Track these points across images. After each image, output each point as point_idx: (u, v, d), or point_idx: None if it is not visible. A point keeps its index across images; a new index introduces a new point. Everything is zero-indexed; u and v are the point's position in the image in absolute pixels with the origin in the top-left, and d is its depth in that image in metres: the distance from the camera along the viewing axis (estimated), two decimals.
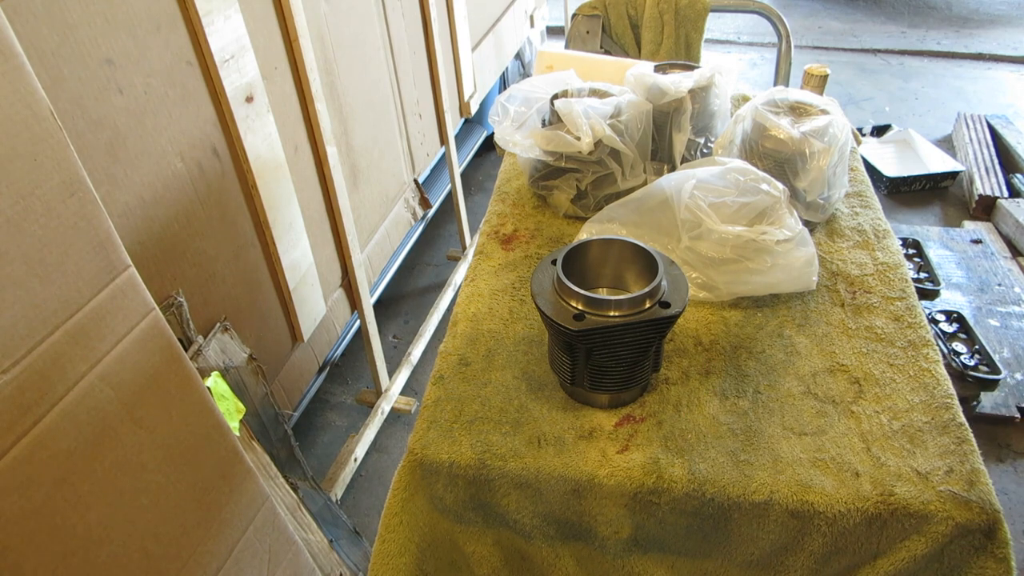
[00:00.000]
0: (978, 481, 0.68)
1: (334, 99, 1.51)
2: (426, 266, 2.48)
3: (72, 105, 0.90)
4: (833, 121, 0.98)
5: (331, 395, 2.01)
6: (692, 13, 1.80)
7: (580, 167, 1.03)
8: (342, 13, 1.51)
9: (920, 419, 0.74)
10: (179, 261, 1.11)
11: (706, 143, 1.13)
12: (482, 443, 0.74)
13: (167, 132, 1.06)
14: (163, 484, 0.84)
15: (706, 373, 0.81)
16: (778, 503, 0.68)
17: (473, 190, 2.83)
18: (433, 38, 1.94)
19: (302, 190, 1.41)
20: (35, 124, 0.66)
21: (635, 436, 0.74)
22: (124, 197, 0.99)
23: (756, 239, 0.86)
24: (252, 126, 1.22)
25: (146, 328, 0.80)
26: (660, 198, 0.92)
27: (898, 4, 4.73)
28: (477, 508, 0.76)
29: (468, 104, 2.28)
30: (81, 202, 0.71)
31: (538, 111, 1.09)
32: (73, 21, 0.88)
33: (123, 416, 0.78)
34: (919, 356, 0.81)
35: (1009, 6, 4.63)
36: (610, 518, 0.73)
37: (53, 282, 0.69)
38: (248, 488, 0.98)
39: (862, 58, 4.06)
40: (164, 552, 0.84)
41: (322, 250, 1.53)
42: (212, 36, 1.09)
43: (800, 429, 0.74)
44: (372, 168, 1.74)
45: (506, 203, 1.12)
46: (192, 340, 1.11)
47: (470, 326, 0.88)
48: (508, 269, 0.97)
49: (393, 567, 0.76)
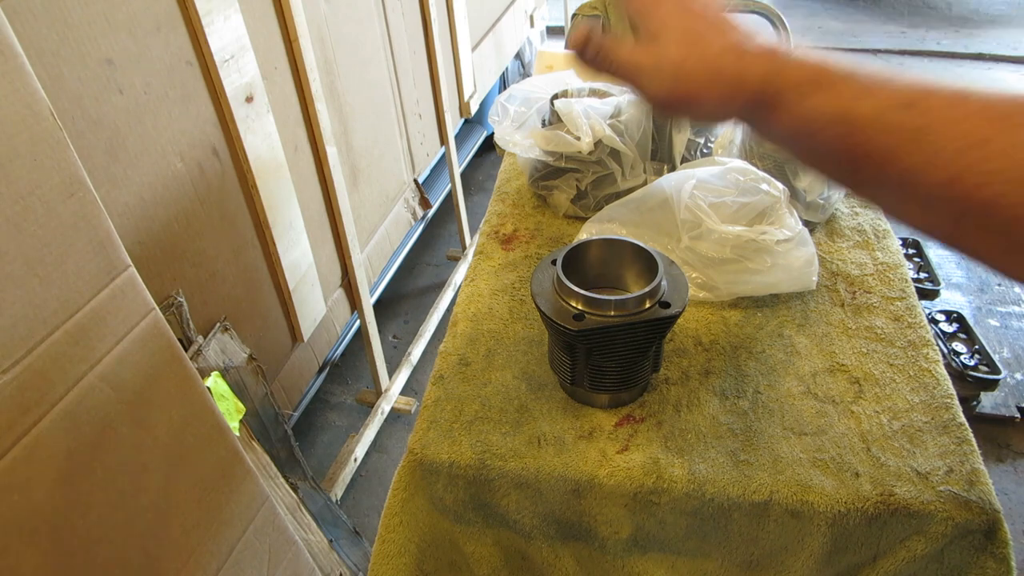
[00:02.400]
0: (978, 481, 0.68)
1: (334, 99, 1.51)
2: (426, 266, 2.48)
3: (72, 105, 0.90)
4: None
5: (331, 395, 2.01)
6: None
7: (580, 167, 1.03)
8: (342, 13, 1.51)
9: (920, 419, 0.74)
10: (179, 261, 1.11)
11: (706, 143, 1.13)
12: (482, 443, 0.74)
13: (167, 132, 1.06)
14: (163, 484, 0.84)
15: (706, 373, 0.81)
16: (778, 503, 0.68)
17: (473, 190, 2.83)
18: (433, 38, 1.94)
19: (302, 190, 1.41)
20: (35, 124, 0.66)
21: (635, 436, 0.74)
22: (124, 197, 0.99)
23: (756, 239, 0.86)
24: (252, 126, 1.22)
25: (146, 328, 0.80)
26: (660, 198, 0.92)
27: (898, 4, 4.73)
28: (477, 508, 0.76)
29: (468, 104, 2.28)
30: (81, 202, 0.71)
31: (538, 111, 1.09)
32: (73, 21, 0.88)
33: (123, 416, 0.78)
34: (919, 356, 0.81)
35: (1009, 6, 4.63)
36: (610, 518, 0.73)
37: (53, 282, 0.69)
38: (248, 488, 0.98)
39: (862, 58, 4.06)
40: (164, 552, 0.84)
41: (322, 250, 1.53)
42: (212, 36, 1.09)
43: (800, 429, 0.74)
44: (372, 168, 1.74)
45: (506, 203, 1.12)
46: (192, 340, 1.11)
47: (470, 326, 0.88)
48: (508, 269, 0.97)
49: (393, 567, 0.76)
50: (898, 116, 0.42)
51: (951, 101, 0.41)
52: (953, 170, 0.39)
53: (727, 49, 0.47)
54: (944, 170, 0.40)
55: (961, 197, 0.40)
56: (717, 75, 0.47)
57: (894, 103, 0.42)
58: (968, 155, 0.39)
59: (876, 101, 0.43)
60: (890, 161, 0.42)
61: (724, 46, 0.47)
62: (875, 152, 0.43)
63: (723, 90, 0.47)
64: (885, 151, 0.42)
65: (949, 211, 0.41)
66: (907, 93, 0.42)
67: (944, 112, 0.41)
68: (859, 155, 0.44)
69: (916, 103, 0.41)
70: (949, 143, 0.40)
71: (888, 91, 0.43)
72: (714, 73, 0.47)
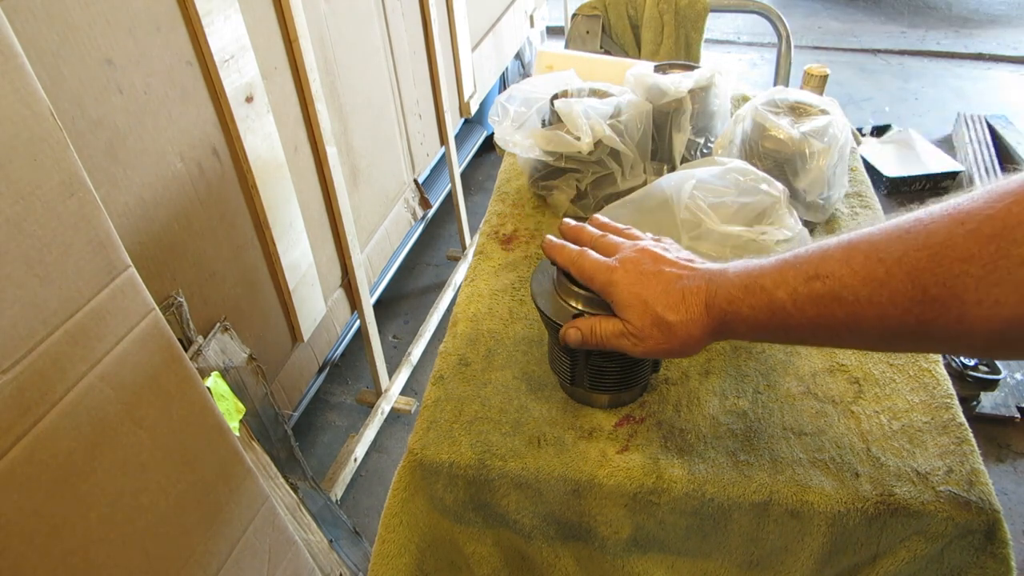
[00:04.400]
0: (978, 481, 0.68)
1: (334, 99, 1.51)
2: (426, 266, 2.48)
3: (72, 105, 0.90)
4: (833, 121, 0.98)
5: (331, 395, 2.01)
6: (692, 13, 1.80)
7: (580, 167, 1.03)
8: (342, 13, 1.51)
9: (920, 419, 0.74)
10: (179, 261, 1.11)
11: (706, 143, 1.13)
12: (482, 443, 0.74)
13: (167, 132, 1.06)
14: (163, 484, 0.84)
15: (706, 373, 0.81)
16: (778, 503, 0.68)
17: (473, 190, 2.83)
18: (433, 38, 1.94)
19: (302, 190, 1.41)
20: (35, 124, 0.66)
21: (635, 436, 0.74)
22: (124, 197, 0.99)
23: (756, 239, 0.86)
24: (252, 126, 1.22)
25: (146, 328, 0.80)
26: (660, 198, 0.92)
27: (898, 4, 4.73)
28: (477, 508, 0.76)
29: (468, 104, 2.28)
30: (81, 202, 0.71)
31: (538, 111, 1.09)
32: (73, 21, 0.88)
33: (123, 416, 0.78)
34: (919, 356, 0.81)
35: (1009, 6, 4.63)
36: (610, 518, 0.73)
37: (53, 282, 0.69)
38: (248, 488, 0.98)
39: (862, 58, 4.06)
40: (164, 552, 0.84)
41: (322, 250, 1.53)
42: (212, 36, 1.09)
43: (800, 429, 0.74)
44: (372, 168, 1.74)
45: (506, 203, 1.12)
46: (192, 340, 1.11)
47: (470, 326, 0.88)
48: (508, 269, 0.97)
49: (393, 567, 0.76)
50: (806, 288, 0.50)
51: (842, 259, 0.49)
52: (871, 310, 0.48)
53: (672, 306, 0.57)
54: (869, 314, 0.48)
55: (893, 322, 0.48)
56: (673, 333, 0.57)
57: (801, 278, 0.51)
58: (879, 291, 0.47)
59: (787, 285, 0.51)
60: (822, 327, 0.51)
61: (668, 304, 0.57)
62: (806, 324, 0.51)
63: (685, 339, 0.57)
64: (813, 322, 0.51)
65: (903, 334, 0.48)
66: (808, 267, 0.51)
67: (841, 270, 0.49)
68: (804, 331, 0.52)
69: (819, 274, 0.50)
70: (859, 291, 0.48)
71: (794, 271, 0.51)
72: (670, 332, 0.57)
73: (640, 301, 0.59)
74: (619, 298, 0.60)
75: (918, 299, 0.45)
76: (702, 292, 0.57)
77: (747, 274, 0.55)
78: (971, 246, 0.42)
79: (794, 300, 0.51)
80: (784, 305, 0.51)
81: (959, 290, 0.43)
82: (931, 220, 0.45)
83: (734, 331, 0.56)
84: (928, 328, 0.46)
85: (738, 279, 0.55)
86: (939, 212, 0.45)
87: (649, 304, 0.58)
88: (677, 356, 0.61)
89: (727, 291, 0.55)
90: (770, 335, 0.55)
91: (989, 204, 0.43)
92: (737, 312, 0.54)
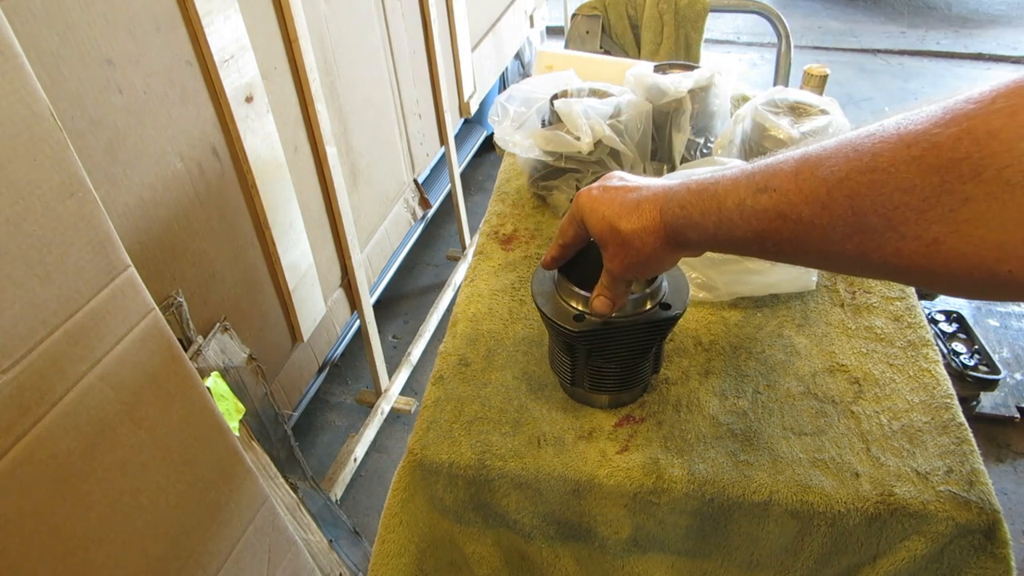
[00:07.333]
0: (978, 481, 0.68)
1: (334, 99, 1.51)
2: (426, 266, 2.48)
3: (72, 105, 0.90)
4: (833, 121, 0.98)
5: (331, 395, 2.01)
6: (692, 13, 1.80)
7: (580, 167, 1.03)
8: (342, 13, 1.51)
9: (920, 419, 0.74)
10: (179, 261, 1.11)
11: (706, 143, 1.13)
12: (482, 443, 0.74)
13: (167, 132, 1.06)
14: (163, 484, 0.84)
15: (706, 373, 0.81)
16: (778, 503, 0.68)
17: (473, 190, 2.83)
18: (433, 38, 1.94)
19: (302, 190, 1.41)
20: (35, 124, 0.66)
21: (635, 436, 0.74)
22: (124, 197, 0.99)
23: None
24: (252, 126, 1.22)
25: (146, 328, 0.80)
26: None
27: (898, 4, 4.73)
28: (477, 508, 0.76)
29: (468, 104, 2.28)
30: (81, 202, 0.71)
31: (538, 111, 1.09)
32: (73, 21, 0.88)
33: (123, 416, 0.78)
34: (919, 356, 0.81)
35: (1009, 6, 4.63)
36: (610, 518, 0.73)
37: (53, 282, 0.69)
38: (248, 488, 0.98)
39: (862, 58, 4.06)
40: (164, 552, 0.84)
41: (322, 250, 1.53)
42: (212, 36, 1.09)
43: (800, 429, 0.74)
44: (372, 168, 1.74)
45: (506, 203, 1.12)
46: (192, 340, 1.11)
47: (470, 326, 0.88)
48: (508, 269, 0.97)
49: (393, 567, 0.76)
50: (753, 200, 0.49)
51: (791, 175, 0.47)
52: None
53: (625, 215, 0.59)
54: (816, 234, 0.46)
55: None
56: (628, 243, 0.59)
57: (751, 190, 0.49)
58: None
59: (737, 194, 0.50)
60: (770, 241, 0.49)
61: (622, 213, 0.59)
62: (752, 237, 0.50)
63: (640, 248, 0.58)
64: (760, 235, 0.50)
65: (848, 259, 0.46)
66: (760, 178, 0.49)
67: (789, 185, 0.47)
68: (751, 244, 0.51)
69: (768, 187, 0.48)
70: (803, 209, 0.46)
71: (747, 181, 0.50)
72: (625, 243, 0.59)
73: (601, 218, 0.60)
74: (591, 224, 0.62)
75: (858, 227, 0.42)
76: (658, 199, 0.57)
77: (704, 181, 0.54)
78: (913, 175, 0.39)
79: (741, 211, 0.49)
80: (731, 216, 0.50)
81: (897, 222, 0.40)
82: (881, 138, 0.42)
83: (688, 240, 0.55)
84: (868, 258, 0.43)
85: (695, 185, 0.54)
86: (891, 127, 0.42)
87: (606, 217, 0.59)
88: (644, 270, 0.61)
89: (682, 196, 0.55)
90: (720, 246, 0.54)
91: (939, 127, 0.39)
92: (689, 217, 0.54)
